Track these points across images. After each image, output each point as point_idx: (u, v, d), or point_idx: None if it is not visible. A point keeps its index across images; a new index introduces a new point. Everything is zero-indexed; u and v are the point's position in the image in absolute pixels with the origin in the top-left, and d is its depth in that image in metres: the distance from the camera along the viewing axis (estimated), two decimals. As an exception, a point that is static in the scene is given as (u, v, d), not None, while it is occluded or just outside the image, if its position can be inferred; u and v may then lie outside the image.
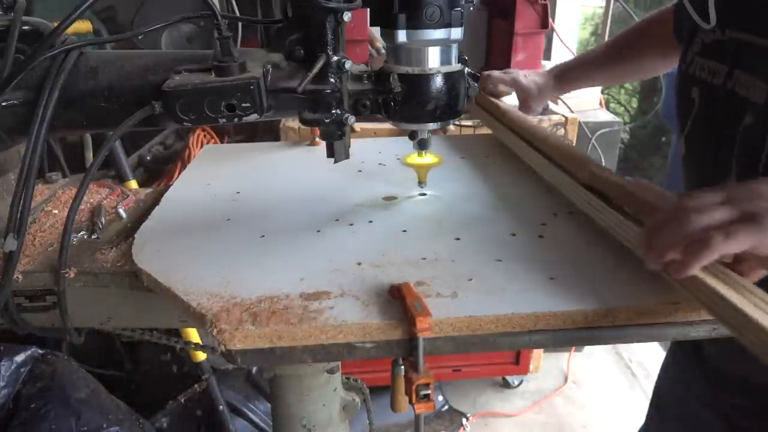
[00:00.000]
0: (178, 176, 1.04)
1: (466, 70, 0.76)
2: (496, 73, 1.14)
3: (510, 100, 1.15)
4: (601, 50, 1.14)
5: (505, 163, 1.04)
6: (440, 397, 2.18)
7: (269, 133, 2.02)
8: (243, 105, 0.64)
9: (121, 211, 0.90)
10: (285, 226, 0.80)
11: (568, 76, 1.13)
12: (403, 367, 0.60)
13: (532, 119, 1.13)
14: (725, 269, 0.53)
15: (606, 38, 2.32)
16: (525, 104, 1.13)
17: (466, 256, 0.70)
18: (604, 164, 2.04)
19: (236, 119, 0.64)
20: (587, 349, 2.44)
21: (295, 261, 0.70)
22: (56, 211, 0.91)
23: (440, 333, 0.58)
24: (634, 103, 4.37)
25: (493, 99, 1.14)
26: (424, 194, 0.90)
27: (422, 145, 0.82)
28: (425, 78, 0.71)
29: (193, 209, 0.88)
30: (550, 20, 1.89)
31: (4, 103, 0.66)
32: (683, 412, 0.98)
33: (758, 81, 0.66)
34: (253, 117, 0.65)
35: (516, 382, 2.27)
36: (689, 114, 0.80)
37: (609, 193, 0.72)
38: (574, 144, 1.78)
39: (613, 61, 1.10)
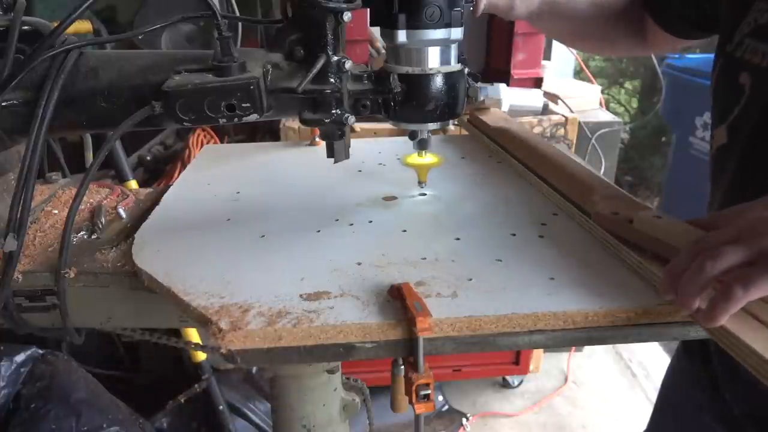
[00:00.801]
0: (178, 176, 1.04)
1: (466, 70, 0.76)
2: None
3: (499, 113, 1.13)
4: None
5: (505, 162, 1.04)
6: (440, 397, 2.18)
7: (269, 133, 2.02)
8: (243, 105, 0.64)
9: (121, 211, 0.90)
10: (285, 226, 0.80)
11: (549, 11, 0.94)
12: (403, 367, 0.60)
13: (530, 132, 1.06)
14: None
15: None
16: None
17: (466, 256, 0.70)
18: (603, 164, 2.03)
19: (236, 119, 0.64)
20: (587, 349, 2.44)
21: (295, 261, 0.70)
22: (56, 211, 0.91)
23: (440, 333, 0.58)
24: (634, 103, 4.37)
25: (482, 117, 1.11)
26: (424, 194, 0.90)
27: (422, 145, 0.82)
28: (425, 78, 0.71)
29: (193, 209, 0.88)
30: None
31: (4, 103, 0.66)
32: (685, 417, 0.97)
33: None
34: (253, 117, 0.65)
35: (516, 382, 2.27)
36: (736, 102, 0.73)
37: (618, 234, 0.67)
38: (573, 143, 1.77)
39: (593, 12, 0.97)
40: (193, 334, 1.54)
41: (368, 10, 0.71)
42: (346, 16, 0.65)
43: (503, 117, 1.12)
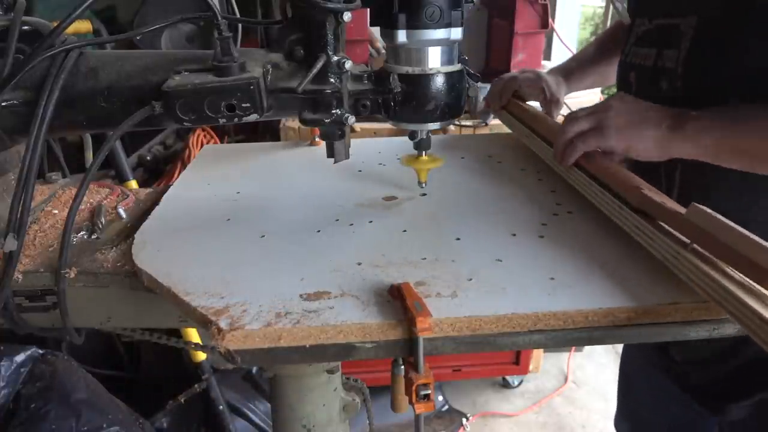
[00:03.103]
0: (178, 176, 1.04)
1: (466, 69, 0.76)
2: (521, 75, 1.12)
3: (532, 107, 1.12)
4: (592, 50, 1.18)
5: (505, 163, 1.04)
6: (440, 397, 2.18)
7: (269, 133, 2.02)
8: (243, 105, 0.64)
9: (121, 211, 0.90)
10: (285, 226, 0.80)
11: (573, 77, 1.14)
12: (403, 367, 0.60)
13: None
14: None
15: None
16: (551, 108, 1.10)
17: (466, 256, 0.70)
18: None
19: (236, 119, 0.64)
20: (587, 349, 2.44)
21: (295, 261, 0.70)
22: (56, 211, 0.91)
23: (440, 333, 0.58)
24: (634, 103, 4.35)
25: (522, 104, 1.10)
26: (424, 194, 0.90)
27: (422, 145, 0.82)
28: (425, 78, 0.71)
29: (193, 209, 0.88)
30: (550, 20, 1.89)
31: (4, 103, 0.66)
32: (649, 384, 1.09)
33: (673, 51, 0.82)
34: (253, 117, 0.65)
35: (516, 382, 2.27)
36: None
37: (662, 221, 0.65)
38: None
39: (605, 60, 1.14)
40: (193, 334, 1.54)
41: (368, 10, 0.71)
42: (346, 16, 0.65)
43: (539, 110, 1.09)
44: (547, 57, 2.31)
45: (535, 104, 1.10)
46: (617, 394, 1.26)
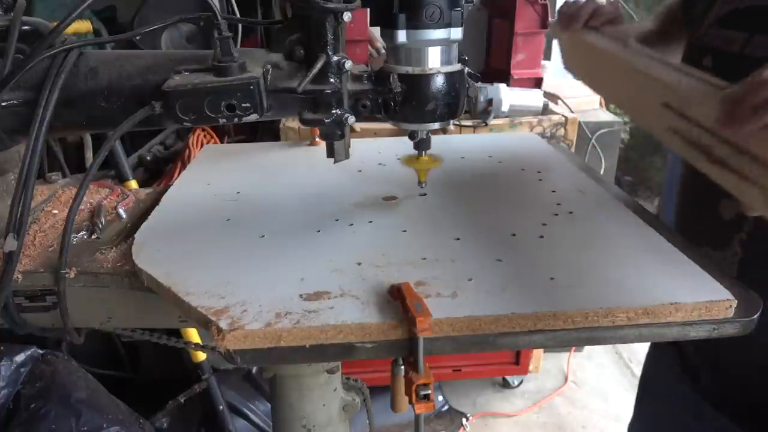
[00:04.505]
0: (178, 176, 1.04)
1: (466, 70, 0.76)
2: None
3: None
4: (652, 30, 1.04)
5: (505, 163, 1.04)
6: (440, 397, 2.18)
7: (269, 133, 2.02)
8: (243, 105, 0.64)
9: (121, 211, 0.90)
10: (285, 226, 0.80)
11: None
12: (403, 367, 0.60)
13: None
14: None
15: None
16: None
17: (466, 256, 0.70)
18: (603, 164, 2.02)
19: (236, 119, 0.64)
20: (587, 349, 2.44)
21: (295, 261, 0.70)
22: (56, 211, 0.91)
23: (440, 333, 0.58)
24: (634, 103, 4.35)
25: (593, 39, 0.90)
26: (424, 194, 0.90)
27: (422, 145, 0.82)
28: (425, 78, 0.71)
29: (193, 209, 0.88)
30: (550, 20, 1.89)
31: (4, 103, 0.66)
32: (668, 393, 1.06)
33: None
34: (253, 117, 0.65)
35: (516, 382, 2.27)
36: None
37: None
38: (573, 143, 1.77)
39: (662, 45, 1.01)
40: (193, 334, 1.54)
41: (368, 10, 0.71)
42: (346, 16, 0.65)
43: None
44: (547, 57, 2.31)
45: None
46: (635, 402, 1.22)
